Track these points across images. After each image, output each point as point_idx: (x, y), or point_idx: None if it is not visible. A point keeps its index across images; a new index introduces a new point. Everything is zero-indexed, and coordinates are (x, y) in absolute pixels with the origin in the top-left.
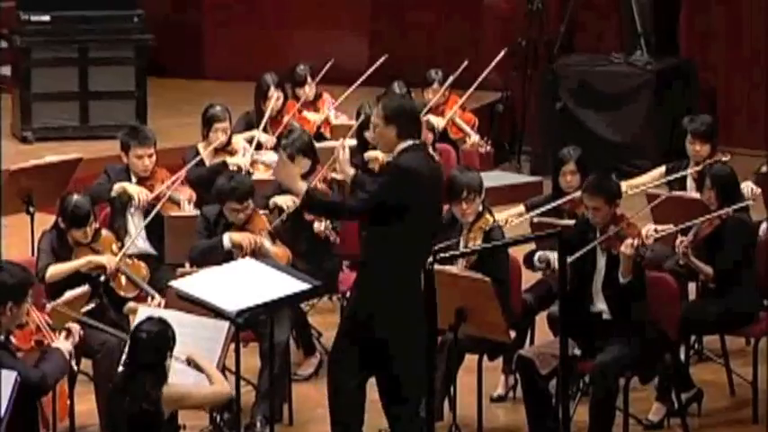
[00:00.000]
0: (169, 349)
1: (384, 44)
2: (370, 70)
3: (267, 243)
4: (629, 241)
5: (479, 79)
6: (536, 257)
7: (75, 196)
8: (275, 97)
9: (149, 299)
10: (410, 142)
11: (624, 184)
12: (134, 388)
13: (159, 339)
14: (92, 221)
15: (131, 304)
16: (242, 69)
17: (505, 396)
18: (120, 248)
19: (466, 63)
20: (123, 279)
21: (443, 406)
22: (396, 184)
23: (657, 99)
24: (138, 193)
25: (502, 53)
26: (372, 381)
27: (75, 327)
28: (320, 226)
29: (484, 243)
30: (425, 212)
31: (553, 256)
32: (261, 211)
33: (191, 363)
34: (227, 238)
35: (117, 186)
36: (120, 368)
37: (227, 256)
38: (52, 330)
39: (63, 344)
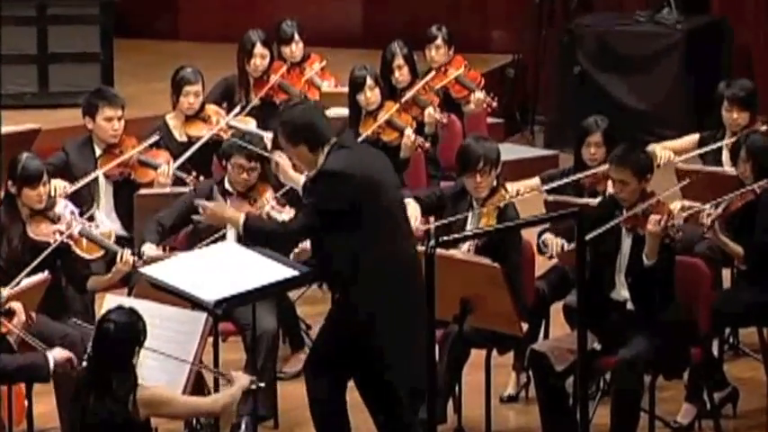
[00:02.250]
0: (138, 344)
1: (380, 1)
2: None
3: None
4: (655, 217)
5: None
6: (541, 240)
7: (26, 154)
8: (260, 55)
9: (119, 257)
10: (327, 148)
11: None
12: (99, 386)
13: (128, 331)
14: (45, 182)
15: (95, 278)
16: (220, 30)
17: (516, 396)
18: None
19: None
20: (85, 241)
21: (447, 407)
22: (329, 190)
23: (687, 62)
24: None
25: None
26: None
27: (18, 306)
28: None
29: (498, 222)
30: (377, 204)
31: (553, 240)
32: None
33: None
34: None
35: None
36: (84, 364)
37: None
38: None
39: (56, 352)
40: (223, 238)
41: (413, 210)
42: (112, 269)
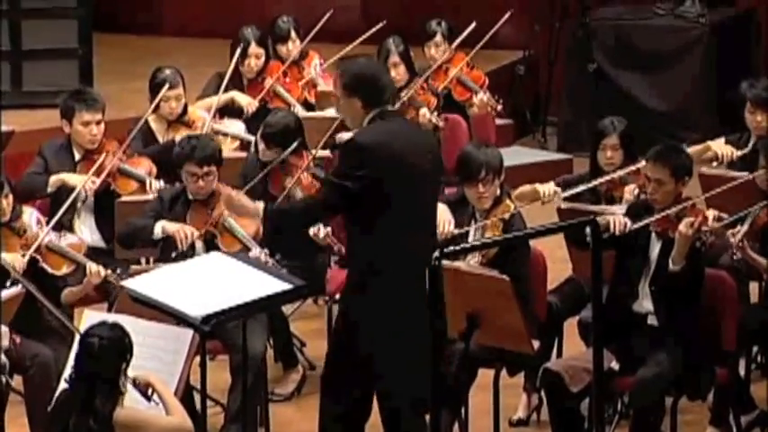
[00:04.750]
0: (125, 361)
1: None
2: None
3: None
4: (689, 219)
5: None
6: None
7: None
8: (255, 55)
9: (88, 270)
10: (377, 110)
11: None
12: (83, 403)
13: (115, 347)
14: (7, 193)
15: (68, 290)
16: (206, 24)
17: (527, 419)
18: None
19: (474, 25)
20: (53, 256)
21: (452, 430)
22: (351, 165)
23: (711, 59)
24: (82, 183)
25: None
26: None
27: None
28: (319, 233)
29: (504, 234)
30: (408, 193)
31: (616, 219)
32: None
33: (139, 384)
34: (160, 227)
35: (53, 179)
36: (63, 383)
37: (165, 248)
38: None
39: None
40: (192, 249)
41: (442, 213)
42: (83, 281)
